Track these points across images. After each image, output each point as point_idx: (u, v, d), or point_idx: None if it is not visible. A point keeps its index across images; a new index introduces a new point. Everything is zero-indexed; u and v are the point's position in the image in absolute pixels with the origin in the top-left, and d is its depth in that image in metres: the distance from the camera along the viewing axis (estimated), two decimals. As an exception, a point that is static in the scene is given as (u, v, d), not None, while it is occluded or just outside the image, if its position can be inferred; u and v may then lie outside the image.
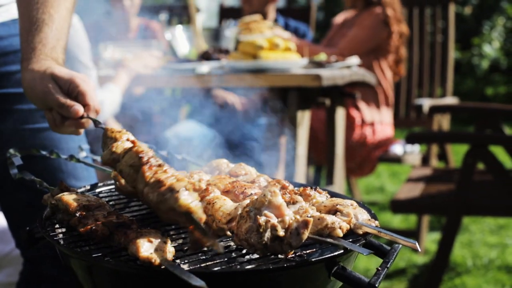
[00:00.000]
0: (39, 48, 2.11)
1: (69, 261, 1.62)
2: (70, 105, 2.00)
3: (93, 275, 1.57)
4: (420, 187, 4.73)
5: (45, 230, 1.69)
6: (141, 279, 1.48)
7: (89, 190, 2.09)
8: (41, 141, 2.51)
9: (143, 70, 4.61)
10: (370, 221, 1.65)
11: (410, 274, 5.14)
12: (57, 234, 1.70)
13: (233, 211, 1.57)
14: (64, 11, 2.22)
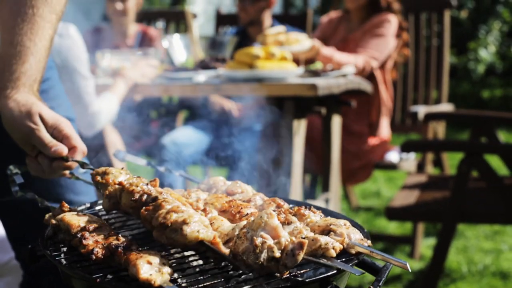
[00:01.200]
0: (23, 80, 2.10)
1: (70, 281, 1.66)
2: (55, 144, 2.03)
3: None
4: (415, 194, 4.77)
5: (47, 250, 1.73)
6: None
7: (89, 208, 2.13)
8: None
9: (140, 79, 4.65)
10: (362, 241, 1.69)
11: (405, 280, 5.19)
12: (59, 254, 1.74)
13: (230, 232, 1.61)
14: (47, 41, 2.20)
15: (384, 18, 5.75)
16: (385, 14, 5.78)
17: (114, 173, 1.97)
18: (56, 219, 1.80)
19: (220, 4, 13.60)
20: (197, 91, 4.48)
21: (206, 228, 1.57)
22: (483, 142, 5.12)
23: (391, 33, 5.72)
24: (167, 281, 1.46)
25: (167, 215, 1.60)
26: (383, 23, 5.72)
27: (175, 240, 1.55)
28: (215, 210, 1.79)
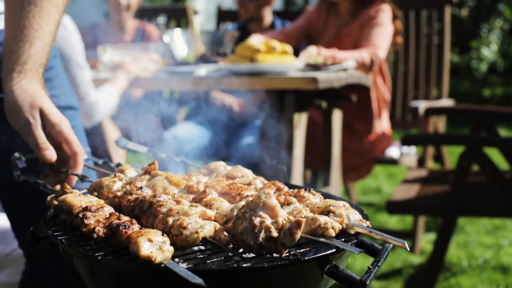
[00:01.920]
0: (30, 64, 2.09)
1: (71, 260, 1.68)
2: (46, 148, 2.01)
3: (95, 274, 1.62)
4: (415, 188, 4.78)
5: (49, 230, 1.75)
6: (142, 277, 1.53)
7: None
8: None
9: (141, 73, 4.66)
10: (361, 222, 1.70)
11: (406, 274, 5.20)
12: (60, 234, 1.75)
13: (229, 213, 1.63)
14: (54, 25, 2.19)
15: (378, 8, 5.73)
16: (378, 5, 5.77)
17: (108, 184, 1.94)
18: (58, 200, 1.81)
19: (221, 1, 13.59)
20: (198, 84, 4.49)
21: (205, 223, 1.59)
22: (483, 135, 5.13)
23: (388, 21, 5.71)
24: (168, 259, 1.47)
25: (164, 221, 1.61)
26: (378, 13, 5.71)
27: (180, 244, 1.56)
28: (216, 192, 1.80)
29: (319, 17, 6.08)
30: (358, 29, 5.78)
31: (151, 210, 1.69)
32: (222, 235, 1.57)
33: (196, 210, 1.61)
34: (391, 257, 5.54)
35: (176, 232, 1.55)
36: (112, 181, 1.94)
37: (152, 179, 1.91)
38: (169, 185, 1.85)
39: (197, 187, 1.82)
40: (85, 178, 2.10)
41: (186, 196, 1.80)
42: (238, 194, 1.78)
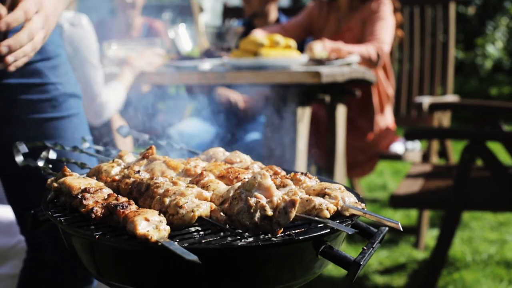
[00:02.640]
0: None
1: (71, 240, 1.70)
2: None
3: (94, 253, 1.65)
4: (419, 183, 4.79)
5: (48, 211, 1.77)
6: (139, 255, 1.56)
7: (90, 175, 2.16)
8: (47, 131, 2.59)
9: (146, 68, 4.69)
10: (356, 204, 1.72)
11: (410, 269, 5.21)
12: (60, 215, 1.78)
13: (225, 194, 1.65)
14: None
15: (378, 1, 5.73)
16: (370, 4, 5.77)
17: (106, 169, 1.96)
18: (58, 182, 1.84)
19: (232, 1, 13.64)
20: (202, 79, 4.52)
21: (201, 203, 1.61)
22: (486, 130, 5.14)
23: (390, 14, 5.72)
24: (164, 237, 1.49)
25: (161, 201, 1.64)
26: (379, 6, 5.70)
27: (176, 223, 1.58)
28: (214, 176, 1.83)
29: (320, 13, 6.08)
30: (359, 24, 5.78)
31: (148, 192, 1.72)
32: (218, 215, 1.59)
33: (192, 191, 1.64)
34: (396, 252, 5.55)
35: (172, 211, 1.58)
36: (110, 166, 1.96)
37: (150, 163, 1.93)
38: (167, 169, 1.87)
39: (195, 170, 1.85)
40: (84, 165, 2.12)
41: (183, 179, 1.82)
42: (236, 177, 1.80)
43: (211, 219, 1.60)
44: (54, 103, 2.60)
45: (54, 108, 2.61)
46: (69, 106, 2.68)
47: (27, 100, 2.55)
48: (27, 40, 2.08)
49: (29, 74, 2.55)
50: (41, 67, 2.58)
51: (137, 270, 1.59)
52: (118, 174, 1.91)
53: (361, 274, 5.13)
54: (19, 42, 2.06)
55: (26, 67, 2.52)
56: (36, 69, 2.57)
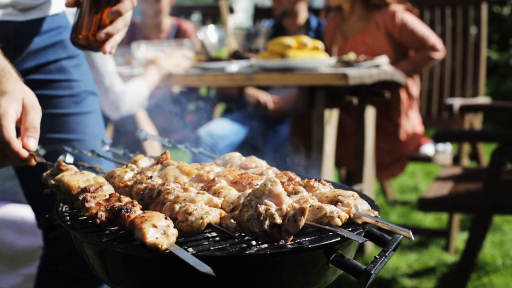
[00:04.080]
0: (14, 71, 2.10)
1: (82, 246, 1.71)
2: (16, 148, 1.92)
3: (104, 260, 1.66)
4: (448, 186, 4.74)
5: (61, 217, 1.78)
6: (149, 262, 1.56)
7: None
8: (69, 125, 2.68)
9: (174, 69, 4.70)
10: (370, 211, 1.70)
11: (439, 273, 5.16)
12: (71, 219, 1.79)
13: (236, 200, 1.64)
14: None
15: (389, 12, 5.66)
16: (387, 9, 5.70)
17: (119, 174, 1.96)
18: (55, 179, 1.84)
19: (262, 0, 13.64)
20: (230, 80, 4.52)
21: (210, 210, 1.61)
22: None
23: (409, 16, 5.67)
24: (173, 244, 1.49)
25: (171, 208, 1.64)
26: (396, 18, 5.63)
27: (186, 230, 1.58)
28: (227, 181, 1.82)
29: (335, 25, 6.06)
30: (374, 38, 5.72)
31: (159, 198, 1.71)
32: (228, 222, 1.59)
33: (202, 197, 1.63)
34: (425, 255, 5.50)
35: (181, 218, 1.57)
36: (123, 171, 1.96)
37: (164, 168, 1.93)
38: (181, 174, 1.87)
39: (207, 175, 1.84)
40: (100, 170, 2.13)
41: (196, 185, 1.82)
42: (249, 183, 1.79)
43: (221, 226, 1.59)
44: (77, 99, 2.69)
45: (76, 104, 2.69)
46: (90, 102, 2.77)
47: (53, 96, 2.65)
48: (122, 27, 2.32)
49: (56, 71, 2.66)
50: (66, 65, 2.69)
51: (148, 277, 1.59)
52: (131, 179, 1.91)
53: (390, 277, 5.09)
54: (117, 29, 2.31)
55: (53, 65, 2.64)
56: (62, 66, 2.68)
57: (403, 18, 5.60)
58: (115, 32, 2.33)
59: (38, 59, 2.62)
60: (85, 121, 2.73)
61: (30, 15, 2.55)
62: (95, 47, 2.36)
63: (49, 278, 2.94)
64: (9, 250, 4.05)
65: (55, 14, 2.67)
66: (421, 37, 5.59)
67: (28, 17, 2.55)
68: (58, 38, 2.67)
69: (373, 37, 5.72)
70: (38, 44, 2.60)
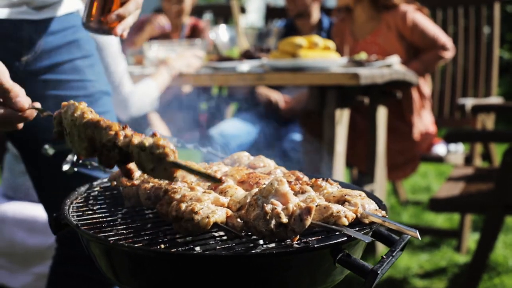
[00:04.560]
0: None
1: (89, 246, 1.71)
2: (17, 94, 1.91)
3: (111, 259, 1.66)
4: (460, 186, 4.72)
5: (68, 216, 1.79)
6: (156, 261, 1.56)
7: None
8: None
9: (185, 69, 4.70)
10: (377, 211, 1.70)
11: (450, 273, 5.14)
12: (79, 219, 1.79)
13: (242, 200, 1.64)
14: None
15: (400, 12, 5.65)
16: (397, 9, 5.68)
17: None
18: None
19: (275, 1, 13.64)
20: (241, 80, 4.52)
21: (216, 209, 1.61)
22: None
23: (420, 16, 5.65)
24: None
25: (177, 207, 1.64)
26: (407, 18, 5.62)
27: (191, 229, 1.58)
28: (235, 181, 1.82)
29: (344, 25, 6.05)
30: (386, 38, 5.71)
31: (165, 197, 1.71)
32: (235, 221, 1.58)
33: (209, 197, 1.63)
34: (437, 255, 5.48)
35: (188, 217, 1.57)
36: None
37: (172, 168, 1.93)
38: (188, 174, 1.87)
39: (214, 175, 1.84)
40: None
41: (203, 184, 1.81)
42: (256, 182, 1.79)
43: (227, 225, 1.59)
44: (91, 99, 2.69)
45: (91, 104, 2.66)
46: (103, 103, 2.77)
47: (67, 96, 2.63)
48: (134, 10, 2.32)
49: (70, 71, 2.65)
50: (80, 65, 2.69)
51: (154, 276, 1.59)
52: (138, 178, 1.91)
53: (401, 277, 5.08)
54: (128, 11, 2.31)
55: (67, 64, 2.64)
56: (76, 66, 2.67)
57: (414, 18, 5.58)
58: (126, 15, 2.32)
59: (52, 58, 2.61)
60: None
61: (44, 14, 2.56)
62: (106, 30, 2.36)
63: (61, 278, 2.95)
64: (20, 249, 4.08)
65: (69, 13, 2.67)
66: (431, 37, 5.58)
67: (42, 15, 2.55)
68: (72, 37, 2.67)
69: (384, 38, 5.70)
70: (52, 44, 2.60)
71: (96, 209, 1.91)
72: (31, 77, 2.57)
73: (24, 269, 4.10)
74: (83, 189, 2.11)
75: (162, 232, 1.70)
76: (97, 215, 1.84)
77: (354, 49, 5.85)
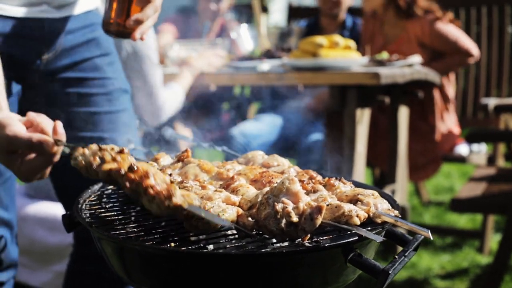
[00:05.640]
0: None
1: (101, 244, 1.72)
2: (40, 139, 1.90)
3: (123, 257, 1.66)
4: (482, 187, 4.69)
5: (80, 215, 1.79)
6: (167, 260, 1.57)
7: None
8: (103, 124, 2.70)
9: (206, 69, 4.70)
10: (389, 211, 1.68)
11: (472, 274, 5.11)
12: (91, 217, 1.80)
13: (253, 198, 1.64)
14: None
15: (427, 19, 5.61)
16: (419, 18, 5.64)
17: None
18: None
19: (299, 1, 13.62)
20: (261, 79, 4.52)
21: (227, 207, 1.61)
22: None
23: (444, 25, 5.61)
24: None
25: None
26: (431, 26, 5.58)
27: (202, 228, 1.58)
28: (247, 180, 1.81)
29: (372, 25, 6.02)
30: (408, 47, 5.66)
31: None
32: (246, 220, 1.58)
33: (220, 195, 1.63)
34: (458, 256, 5.45)
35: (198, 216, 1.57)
36: None
37: (185, 166, 1.93)
38: (201, 172, 1.87)
39: (227, 173, 1.84)
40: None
41: (215, 183, 1.81)
42: (269, 181, 1.78)
43: (238, 224, 1.58)
44: (110, 97, 2.71)
45: (110, 102, 2.70)
46: (122, 101, 2.79)
47: (86, 94, 2.66)
48: (153, 13, 2.34)
49: (89, 69, 2.68)
50: (99, 63, 2.71)
51: (165, 275, 1.59)
52: (151, 177, 1.91)
53: (422, 277, 5.05)
54: (147, 15, 2.33)
55: (87, 62, 2.67)
56: (96, 64, 2.70)
57: (434, 26, 5.55)
58: (145, 19, 2.34)
59: (72, 56, 2.64)
60: (118, 120, 2.74)
61: (64, 12, 2.58)
62: (125, 34, 2.38)
63: (78, 276, 2.96)
64: (40, 247, 4.10)
65: (88, 11, 2.70)
66: (454, 42, 5.53)
67: (62, 14, 2.57)
68: (91, 35, 2.69)
69: (407, 47, 5.67)
70: (72, 42, 2.63)
71: (109, 207, 1.91)
72: (51, 75, 2.59)
73: (44, 267, 4.12)
74: (97, 187, 2.12)
75: (174, 231, 1.69)
76: (110, 213, 1.84)
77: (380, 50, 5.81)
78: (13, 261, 2.80)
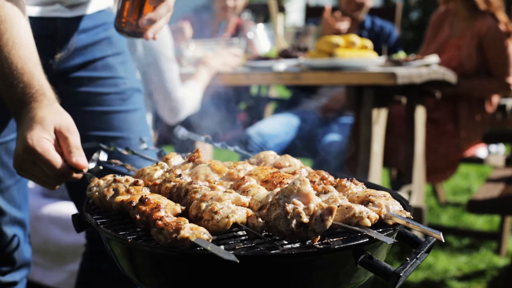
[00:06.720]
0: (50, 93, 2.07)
1: (110, 245, 1.71)
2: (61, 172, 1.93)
3: (132, 258, 1.65)
4: (499, 188, 4.66)
5: (89, 215, 1.79)
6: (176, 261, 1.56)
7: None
8: (115, 123, 2.70)
9: (222, 68, 4.69)
10: (401, 212, 1.66)
11: (489, 276, 5.07)
12: (100, 218, 1.79)
13: (264, 199, 1.62)
14: None
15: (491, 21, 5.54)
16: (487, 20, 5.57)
17: (149, 172, 1.96)
18: None
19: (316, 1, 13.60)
20: (277, 79, 4.51)
21: (237, 209, 1.59)
22: None
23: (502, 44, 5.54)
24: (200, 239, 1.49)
25: (197, 206, 1.63)
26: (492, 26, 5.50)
27: (212, 228, 1.57)
28: (259, 180, 1.80)
29: (438, 20, 5.97)
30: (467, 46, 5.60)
31: (187, 196, 1.70)
32: (255, 221, 1.57)
33: (229, 196, 1.62)
34: (475, 258, 5.41)
35: (207, 217, 1.56)
36: (153, 170, 1.97)
37: (196, 166, 1.92)
38: (211, 173, 1.86)
39: (237, 174, 1.83)
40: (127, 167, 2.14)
41: (226, 183, 1.80)
42: (280, 182, 1.77)
43: (248, 225, 1.57)
44: (122, 96, 2.70)
45: (122, 101, 2.69)
46: (135, 100, 2.78)
47: (99, 93, 2.66)
48: (165, 13, 2.35)
49: (102, 68, 2.68)
50: (112, 62, 2.71)
51: (174, 276, 1.58)
52: (160, 178, 1.91)
53: (439, 279, 5.02)
54: (159, 15, 2.34)
55: (100, 62, 2.66)
56: (108, 63, 2.69)
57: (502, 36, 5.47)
58: (158, 18, 2.35)
59: (85, 56, 2.63)
60: (131, 119, 2.73)
61: (76, 12, 2.58)
62: (138, 34, 2.39)
63: (90, 275, 2.96)
64: (55, 246, 4.11)
65: (101, 11, 2.69)
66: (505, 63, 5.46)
67: (75, 13, 2.57)
68: (104, 34, 2.69)
69: (466, 45, 5.61)
70: (85, 41, 2.62)
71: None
72: (64, 74, 2.59)
73: (58, 267, 4.13)
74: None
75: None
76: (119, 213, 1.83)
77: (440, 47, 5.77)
78: (26, 260, 2.81)
